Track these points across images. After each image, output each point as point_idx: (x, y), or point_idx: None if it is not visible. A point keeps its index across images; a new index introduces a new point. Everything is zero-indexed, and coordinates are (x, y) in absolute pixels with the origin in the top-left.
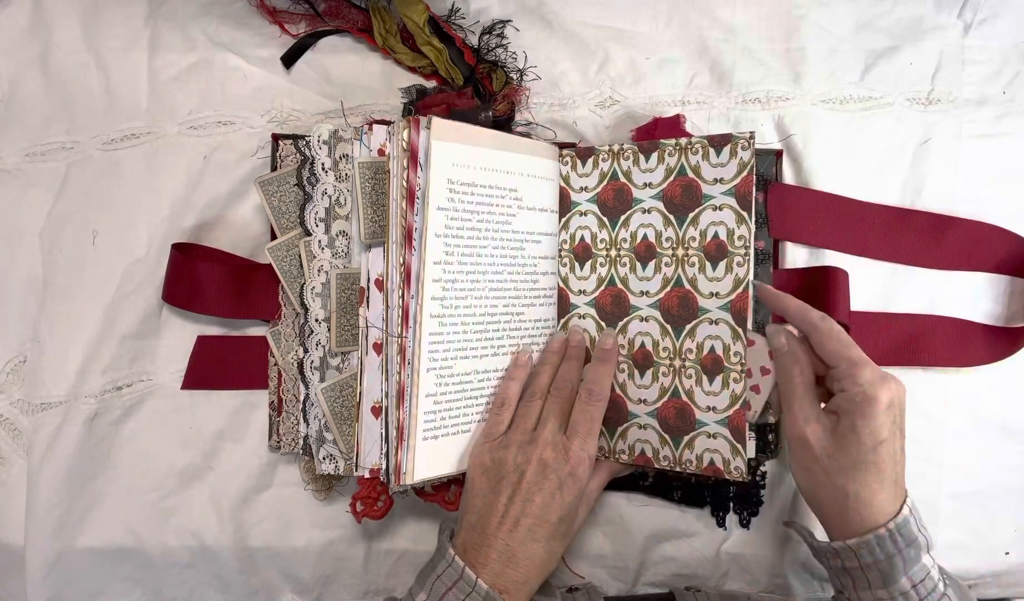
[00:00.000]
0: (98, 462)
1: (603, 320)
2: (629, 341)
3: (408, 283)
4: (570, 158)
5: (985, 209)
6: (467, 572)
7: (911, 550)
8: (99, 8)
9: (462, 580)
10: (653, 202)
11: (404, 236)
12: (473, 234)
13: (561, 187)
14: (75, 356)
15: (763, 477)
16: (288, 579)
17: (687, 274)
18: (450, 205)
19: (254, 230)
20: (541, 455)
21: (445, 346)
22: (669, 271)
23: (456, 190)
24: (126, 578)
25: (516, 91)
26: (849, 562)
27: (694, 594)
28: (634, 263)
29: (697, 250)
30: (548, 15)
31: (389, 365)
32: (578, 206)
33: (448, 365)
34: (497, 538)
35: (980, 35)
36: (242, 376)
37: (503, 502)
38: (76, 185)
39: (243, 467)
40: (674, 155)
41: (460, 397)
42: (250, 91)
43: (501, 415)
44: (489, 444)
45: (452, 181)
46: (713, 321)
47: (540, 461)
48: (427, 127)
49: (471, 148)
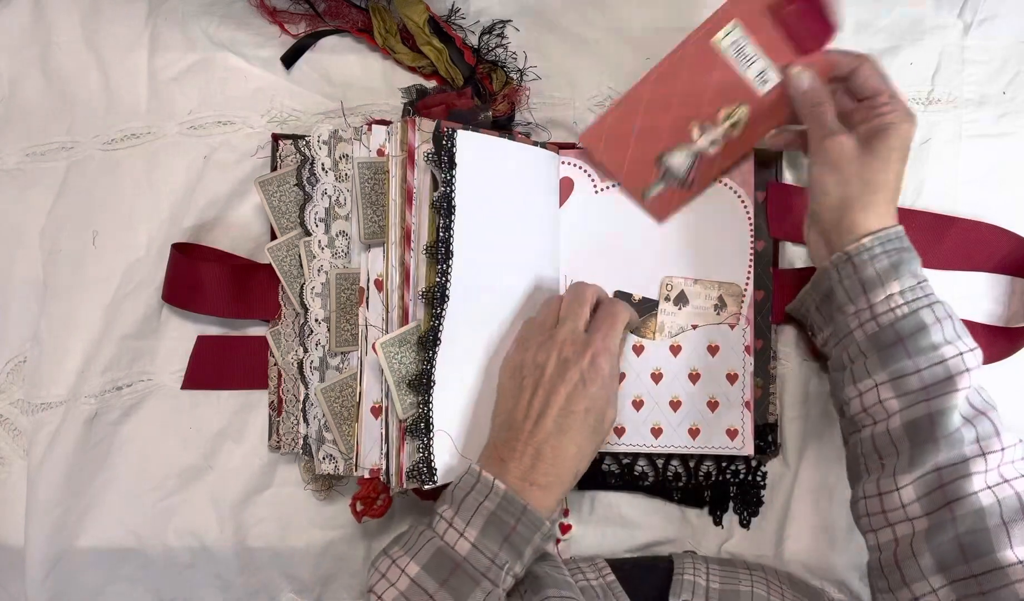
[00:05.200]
0: (98, 462)
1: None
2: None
3: (408, 283)
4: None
5: (985, 209)
6: (484, 476)
7: (913, 253)
8: (99, 8)
9: (480, 483)
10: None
11: (403, 236)
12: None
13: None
14: (75, 356)
15: (763, 477)
16: (288, 579)
17: None
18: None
19: (254, 230)
20: (560, 351)
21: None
22: None
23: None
24: (126, 578)
25: (516, 91)
26: (846, 276)
27: (692, 558)
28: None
29: None
30: (548, 15)
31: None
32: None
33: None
34: (523, 432)
35: (980, 35)
36: (242, 376)
37: (527, 398)
38: (76, 185)
39: (243, 467)
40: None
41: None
42: (250, 91)
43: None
44: (513, 350)
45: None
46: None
47: (560, 356)
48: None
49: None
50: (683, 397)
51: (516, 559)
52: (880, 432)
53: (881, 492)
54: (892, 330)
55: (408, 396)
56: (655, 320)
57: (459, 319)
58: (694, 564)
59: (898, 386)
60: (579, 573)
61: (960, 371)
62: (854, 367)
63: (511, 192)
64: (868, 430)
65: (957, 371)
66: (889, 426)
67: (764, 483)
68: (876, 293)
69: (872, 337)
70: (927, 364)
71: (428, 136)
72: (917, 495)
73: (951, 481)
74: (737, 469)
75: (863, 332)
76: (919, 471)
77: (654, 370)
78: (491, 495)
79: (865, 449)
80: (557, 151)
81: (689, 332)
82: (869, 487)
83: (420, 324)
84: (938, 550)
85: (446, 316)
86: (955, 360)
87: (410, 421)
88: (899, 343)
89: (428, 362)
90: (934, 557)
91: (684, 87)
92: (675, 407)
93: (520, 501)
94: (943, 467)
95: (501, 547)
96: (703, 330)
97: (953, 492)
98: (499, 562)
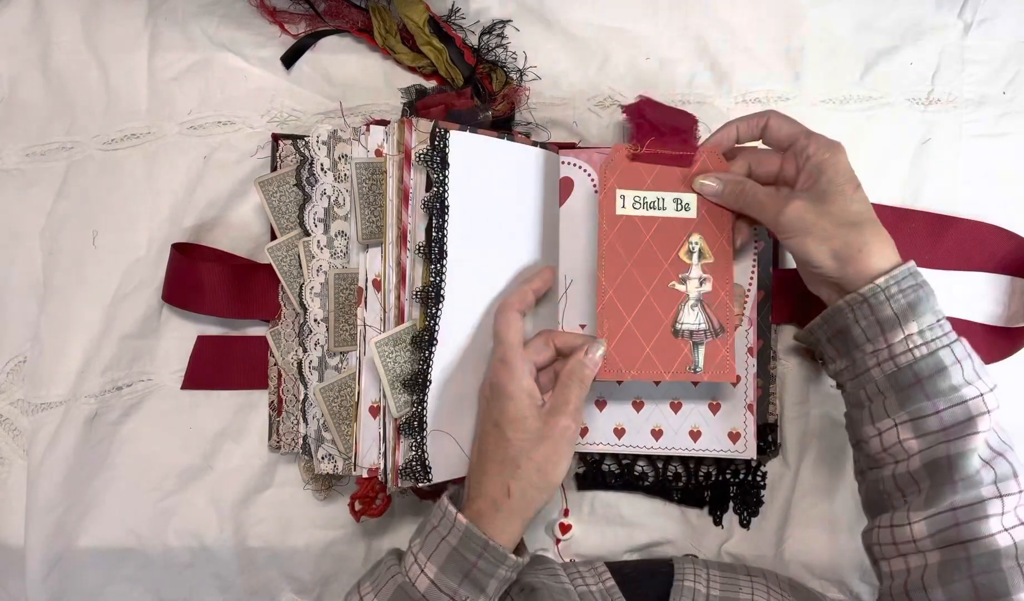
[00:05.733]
0: (98, 462)
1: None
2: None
3: (404, 283)
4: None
5: (985, 209)
6: (448, 509)
7: (928, 288)
8: (99, 8)
9: (444, 517)
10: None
11: (400, 236)
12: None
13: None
14: (75, 356)
15: (763, 477)
16: (288, 579)
17: None
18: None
19: (254, 230)
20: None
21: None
22: None
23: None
24: (126, 578)
25: (516, 91)
26: (863, 317)
27: (692, 561)
28: None
29: None
30: (548, 15)
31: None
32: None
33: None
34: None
35: (980, 35)
36: (242, 376)
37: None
38: (76, 185)
39: (243, 467)
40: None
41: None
42: (250, 91)
43: None
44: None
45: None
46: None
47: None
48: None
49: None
50: (684, 399)
51: (478, 593)
52: (901, 472)
53: (894, 525)
54: (911, 371)
55: (402, 395)
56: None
57: (454, 318)
58: (694, 570)
59: (918, 427)
60: (579, 578)
61: (981, 412)
62: (872, 406)
63: (507, 192)
64: (889, 469)
65: (978, 412)
66: (909, 467)
67: (764, 483)
68: (895, 333)
69: (890, 377)
70: (946, 405)
71: (425, 136)
72: (930, 532)
73: (967, 522)
74: (737, 469)
75: (881, 371)
76: (934, 509)
77: None
78: (453, 530)
79: (887, 487)
80: (557, 151)
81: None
82: (883, 518)
83: (415, 323)
84: (950, 589)
85: (441, 315)
86: (976, 401)
87: (403, 419)
88: (918, 384)
89: (424, 361)
90: (946, 595)
91: (635, 265)
92: (676, 408)
93: (481, 536)
94: (959, 507)
95: (461, 584)
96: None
97: (969, 532)
98: (458, 598)
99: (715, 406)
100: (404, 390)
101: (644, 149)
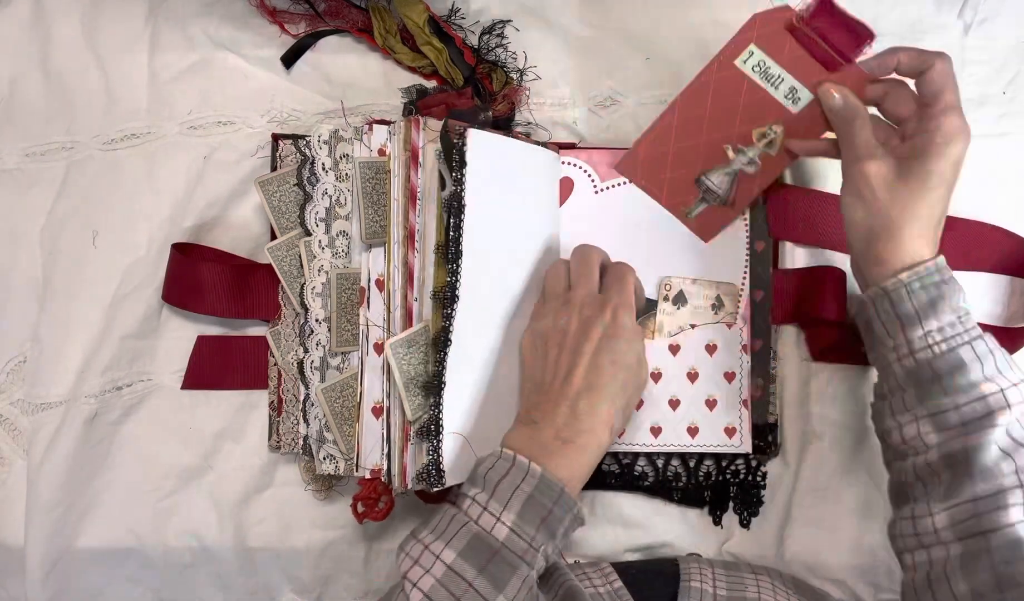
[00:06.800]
0: (98, 462)
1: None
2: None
3: (411, 283)
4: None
5: (985, 209)
6: (519, 459)
7: (954, 284)
8: (99, 8)
9: (515, 467)
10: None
11: (407, 236)
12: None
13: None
14: (75, 356)
15: (763, 477)
16: (288, 579)
17: None
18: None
19: (254, 230)
20: (580, 311)
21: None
22: None
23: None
24: (126, 578)
25: (516, 91)
26: (883, 311)
27: (696, 560)
28: None
29: None
30: (548, 15)
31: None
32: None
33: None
34: (553, 391)
35: (980, 35)
36: (242, 376)
37: (552, 359)
38: (76, 185)
39: (243, 467)
40: None
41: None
42: (250, 91)
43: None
44: (531, 323)
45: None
46: None
47: (580, 315)
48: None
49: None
50: (682, 396)
51: (550, 540)
52: (921, 463)
53: (915, 516)
54: (929, 367)
55: (417, 397)
56: (654, 320)
57: (467, 318)
58: (700, 570)
59: (936, 422)
60: (586, 579)
61: (1001, 407)
62: (893, 400)
63: (516, 192)
64: (911, 460)
65: (998, 407)
66: (928, 459)
67: (764, 483)
68: (913, 330)
69: (910, 372)
70: (965, 401)
71: (435, 135)
72: (950, 523)
73: (987, 512)
74: (737, 469)
75: (901, 367)
76: (954, 500)
77: (653, 369)
78: (528, 478)
79: (909, 478)
80: (557, 151)
81: (688, 331)
82: (905, 510)
83: (428, 325)
84: (972, 579)
85: (456, 316)
86: (996, 397)
87: (419, 423)
88: (936, 380)
89: (440, 363)
90: (968, 585)
91: (712, 112)
92: (674, 406)
93: (557, 484)
94: (979, 498)
95: (538, 530)
96: (701, 330)
97: (989, 523)
98: (535, 544)
99: (711, 403)
100: (419, 392)
101: (809, 29)
